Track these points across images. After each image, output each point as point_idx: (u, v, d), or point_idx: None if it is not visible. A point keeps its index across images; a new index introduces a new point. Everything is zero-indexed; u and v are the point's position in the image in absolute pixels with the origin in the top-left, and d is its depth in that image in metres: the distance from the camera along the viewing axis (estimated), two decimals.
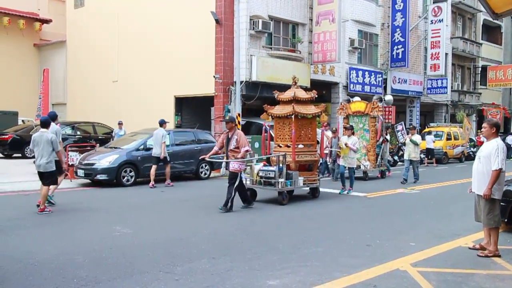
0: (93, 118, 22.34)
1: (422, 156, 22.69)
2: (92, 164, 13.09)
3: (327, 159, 15.86)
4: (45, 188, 9.06)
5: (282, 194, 10.48)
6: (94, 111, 24.42)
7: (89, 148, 15.51)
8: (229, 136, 9.80)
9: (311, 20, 21.43)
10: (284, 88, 14.94)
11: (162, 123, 13.60)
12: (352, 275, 5.51)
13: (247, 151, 9.68)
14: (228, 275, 5.39)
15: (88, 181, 13.60)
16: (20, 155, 20.05)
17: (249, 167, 11.20)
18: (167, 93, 21.24)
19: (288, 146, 11.04)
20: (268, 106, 11.36)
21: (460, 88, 33.15)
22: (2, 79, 27.08)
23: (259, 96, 19.45)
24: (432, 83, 29.29)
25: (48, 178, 9.07)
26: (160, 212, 9.49)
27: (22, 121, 24.32)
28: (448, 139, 24.54)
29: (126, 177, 13.27)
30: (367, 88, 24.50)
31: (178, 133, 15.79)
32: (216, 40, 19.23)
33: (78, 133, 19.87)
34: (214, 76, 19.06)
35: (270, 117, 11.42)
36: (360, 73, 24.17)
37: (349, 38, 23.54)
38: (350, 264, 5.95)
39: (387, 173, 16.99)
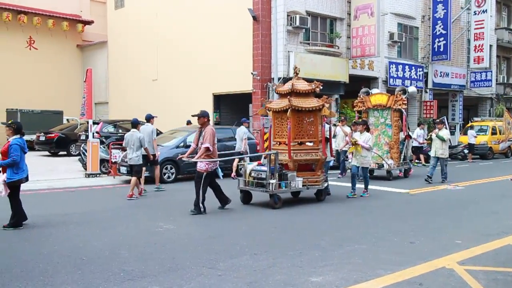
0: (133, 116, 22.80)
1: (466, 151, 22.05)
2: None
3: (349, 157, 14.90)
4: (134, 179, 10.70)
5: (273, 197, 9.42)
6: (134, 109, 24.92)
7: None
8: (201, 133, 9.07)
9: (349, 14, 21.16)
10: (323, 84, 14.85)
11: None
12: (396, 272, 5.42)
13: (206, 149, 8.76)
14: (270, 271, 5.40)
15: (130, 177, 13.88)
16: (65, 152, 20.73)
17: (242, 167, 10.37)
18: (206, 90, 21.45)
19: (286, 144, 9.97)
20: (267, 100, 10.39)
21: (505, 81, 31.98)
22: (47, 79, 28.04)
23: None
24: (475, 76, 28.35)
25: (136, 169, 10.89)
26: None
27: (67, 120, 25.14)
28: (493, 133, 23.73)
29: (167, 174, 13.50)
30: (407, 83, 23.96)
31: (218, 130, 15.87)
32: (254, 37, 19.27)
33: (120, 131, 20.32)
34: (252, 73, 19.11)
35: (268, 112, 10.38)
36: (400, 67, 23.68)
37: (388, 32, 23.10)
38: (394, 261, 5.85)
39: (409, 171, 15.53)
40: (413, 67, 24.42)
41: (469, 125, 24.04)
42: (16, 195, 7.61)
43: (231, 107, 21.98)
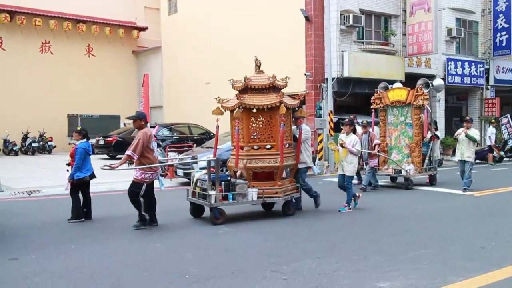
0: (188, 120, 23.21)
1: None
2: (190, 164, 13.56)
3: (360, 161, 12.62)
4: None
5: (213, 211, 8.04)
6: (188, 113, 25.37)
7: (186, 148, 16.11)
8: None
9: (405, 11, 20.57)
10: (377, 83, 14.46)
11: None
12: (468, 279, 5.15)
13: (129, 156, 7.62)
14: (336, 276, 5.27)
15: (187, 180, 14.10)
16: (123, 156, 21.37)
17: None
18: None
19: (241, 148, 8.61)
20: (221, 99, 8.96)
21: None
22: (104, 85, 29.03)
23: (351, 92, 19.05)
24: None
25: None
26: (256, 211, 9.55)
27: (124, 124, 25.91)
28: None
29: None
30: (467, 80, 23.02)
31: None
32: (306, 37, 19.12)
33: (175, 134, 20.72)
34: (305, 74, 18.96)
35: (223, 111, 8.97)
36: (459, 64, 22.76)
37: (446, 28, 22.24)
38: (464, 267, 5.58)
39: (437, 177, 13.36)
40: (473, 64, 23.40)
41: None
42: (77, 191, 8.61)
43: None
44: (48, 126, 25.35)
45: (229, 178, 8.51)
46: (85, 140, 8.72)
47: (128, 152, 7.65)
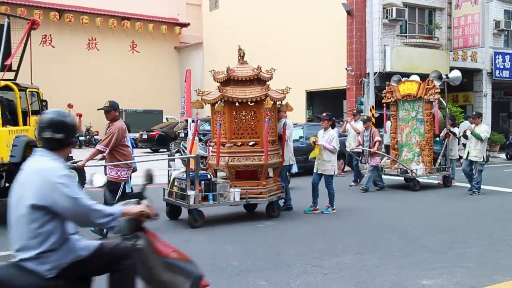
0: None
1: None
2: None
3: (360, 162, 12.10)
4: None
5: (192, 213, 7.38)
6: None
7: None
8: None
9: (450, 3, 20.01)
10: (421, 78, 14.07)
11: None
12: None
13: (99, 151, 6.84)
14: (377, 272, 5.25)
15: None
16: (165, 150, 21.81)
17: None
18: (299, 87, 21.39)
19: (223, 145, 7.94)
20: (201, 91, 8.32)
21: None
22: (148, 80, 29.68)
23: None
24: None
25: None
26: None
27: (166, 118, 26.45)
28: None
29: None
30: None
31: (311, 127, 15.83)
32: (348, 32, 18.92)
33: None
34: (346, 69, 18.79)
35: (204, 105, 8.33)
36: (508, 57, 21.93)
37: (494, 20, 21.48)
38: (511, 267, 5.44)
39: (452, 180, 12.20)
40: None
41: None
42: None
43: (324, 104, 21.76)
44: (94, 120, 26.17)
45: (209, 177, 7.89)
46: None
47: (99, 146, 6.85)
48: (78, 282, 2.90)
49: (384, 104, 12.72)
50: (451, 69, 19.45)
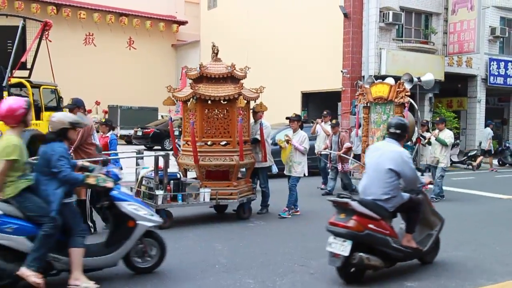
0: None
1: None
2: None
3: (328, 165, 11.39)
4: None
5: (160, 213, 6.85)
6: None
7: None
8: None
9: (447, 9, 20.13)
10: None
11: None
12: (499, 283, 5.11)
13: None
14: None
15: None
16: (160, 147, 21.84)
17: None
18: (294, 88, 21.53)
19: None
20: (172, 88, 8.10)
21: None
22: (144, 77, 29.67)
23: None
24: None
25: None
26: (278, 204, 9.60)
27: (161, 116, 26.44)
28: None
29: None
30: (510, 81, 22.31)
31: (305, 129, 15.87)
32: (344, 34, 19.00)
33: None
34: (341, 71, 18.87)
35: (175, 102, 8.16)
36: (502, 64, 22.08)
37: (490, 27, 21.60)
38: (498, 272, 5.51)
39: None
40: None
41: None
42: None
43: (319, 105, 21.82)
44: (89, 116, 26.15)
45: (179, 177, 7.69)
46: (111, 132, 8.61)
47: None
48: (392, 214, 5.32)
49: (356, 107, 12.17)
50: (446, 74, 19.64)
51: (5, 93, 8.66)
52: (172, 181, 7.40)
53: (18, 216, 4.39)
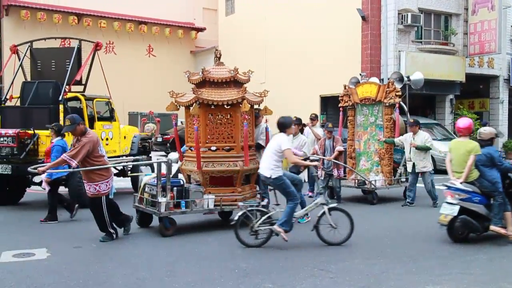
0: None
1: None
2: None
3: (319, 172, 9.50)
4: None
5: (163, 221, 7.04)
6: None
7: None
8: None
9: (466, 9, 19.88)
10: (436, 84, 14.06)
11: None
12: None
13: (64, 161, 6.65)
14: (384, 277, 5.28)
15: None
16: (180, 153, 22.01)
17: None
18: (313, 93, 21.48)
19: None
20: (175, 93, 7.95)
21: None
22: (164, 84, 29.85)
23: (409, 93, 18.61)
24: None
25: None
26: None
27: (181, 122, 26.62)
28: None
29: None
30: None
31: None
32: (362, 37, 18.92)
33: None
34: (360, 74, 18.66)
35: (178, 107, 8.02)
36: None
37: (511, 26, 21.29)
38: None
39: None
40: None
41: None
42: (55, 191, 8.15)
43: (338, 109, 21.73)
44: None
45: (182, 183, 7.58)
46: (60, 137, 8.12)
47: (65, 156, 6.56)
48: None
49: (340, 109, 11.73)
50: (467, 75, 19.37)
51: (61, 106, 9.60)
52: (175, 188, 7.28)
53: (477, 192, 6.89)
